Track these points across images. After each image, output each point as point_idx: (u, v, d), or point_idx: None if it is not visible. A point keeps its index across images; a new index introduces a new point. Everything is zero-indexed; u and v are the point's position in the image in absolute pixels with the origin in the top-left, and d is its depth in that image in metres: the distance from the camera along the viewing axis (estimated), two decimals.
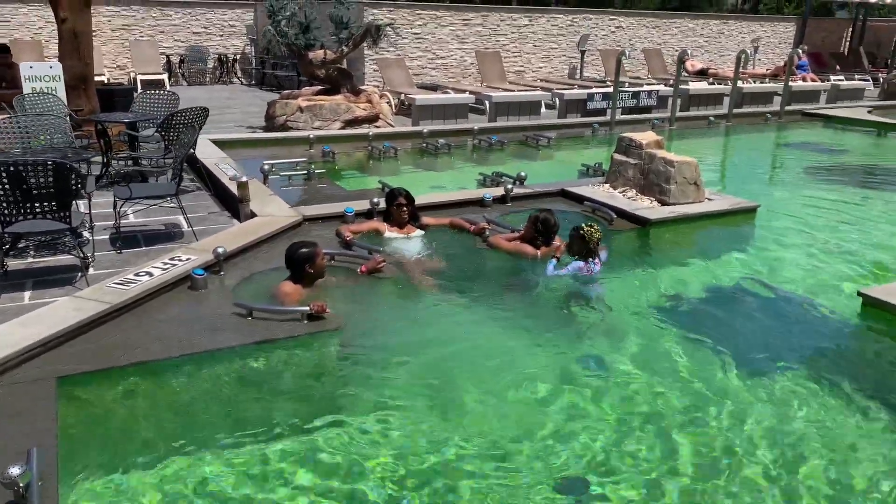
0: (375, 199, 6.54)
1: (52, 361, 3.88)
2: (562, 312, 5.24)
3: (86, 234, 5.98)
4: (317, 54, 11.62)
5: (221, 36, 18.88)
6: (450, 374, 4.22)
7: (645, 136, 7.61)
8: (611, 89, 13.29)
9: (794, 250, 6.52)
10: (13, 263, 5.46)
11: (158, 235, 6.35)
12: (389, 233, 6.13)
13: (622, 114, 13.60)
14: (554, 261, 5.58)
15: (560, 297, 5.43)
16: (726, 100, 14.51)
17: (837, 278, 5.82)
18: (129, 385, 3.88)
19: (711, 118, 13.70)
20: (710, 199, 7.35)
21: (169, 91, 8.93)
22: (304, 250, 4.88)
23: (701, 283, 5.68)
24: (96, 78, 13.99)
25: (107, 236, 6.18)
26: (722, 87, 16.30)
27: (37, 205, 4.92)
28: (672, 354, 4.51)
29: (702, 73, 19.77)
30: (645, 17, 20.99)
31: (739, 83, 15.17)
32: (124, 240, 6.11)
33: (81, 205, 6.26)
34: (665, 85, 16.14)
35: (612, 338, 4.74)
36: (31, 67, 8.72)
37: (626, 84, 16.33)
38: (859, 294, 5.17)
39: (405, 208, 6.14)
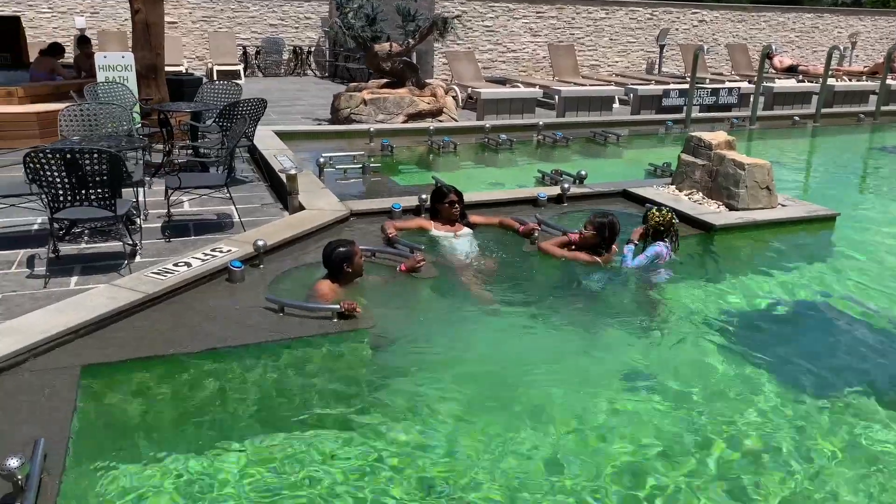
0: (423, 196, 6.36)
1: (80, 349, 3.88)
2: (616, 323, 4.88)
3: (138, 221, 6.07)
4: (382, 47, 11.55)
5: (297, 28, 19.15)
6: (483, 384, 4.00)
7: (715, 136, 7.14)
8: (688, 85, 12.68)
9: (874, 265, 5.95)
10: (66, 248, 5.59)
11: (209, 225, 6.38)
12: (436, 231, 5.94)
13: (699, 111, 12.96)
14: (632, 246, 5.41)
15: (613, 305, 5.12)
16: (815, 98, 13.59)
17: None
18: (153, 377, 3.85)
19: (796, 118, 12.88)
20: (783, 206, 6.83)
21: (232, 82, 9.02)
22: (341, 249, 4.75)
23: (768, 297, 5.25)
24: (175, 68, 14.48)
25: (159, 224, 6.26)
26: (810, 84, 15.30)
27: (83, 192, 4.99)
28: (735, 376, 4.15)
29: (791, 70, 18.67)
30: (731, 11, 19.99)
31: (831, 81, 14.20)
32: (174, 229, 6.17)
33: (140, 192, 6.37)
34: (748, 82, 15.30)
35: (669, 354, 4.39)
36: (104, 57, 8.97)
37: (707, 81, 15.57)
38: None
39: (457, 205, 5.95)
